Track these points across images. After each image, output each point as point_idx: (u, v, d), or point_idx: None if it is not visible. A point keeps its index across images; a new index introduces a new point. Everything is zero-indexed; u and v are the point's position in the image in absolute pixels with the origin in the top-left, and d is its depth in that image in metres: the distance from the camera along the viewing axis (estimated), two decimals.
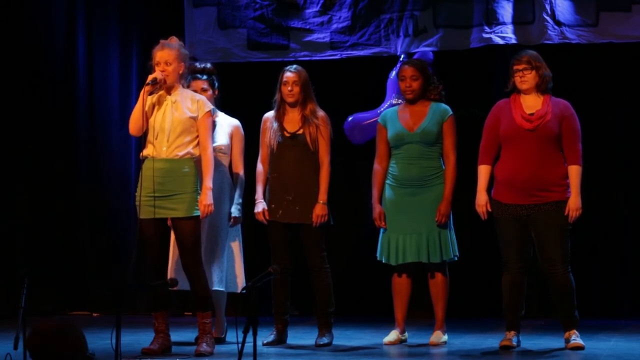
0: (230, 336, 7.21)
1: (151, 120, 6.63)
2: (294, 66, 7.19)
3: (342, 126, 8.13)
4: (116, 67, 9.41)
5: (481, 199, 6.86)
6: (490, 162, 6.90)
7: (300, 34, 8.83)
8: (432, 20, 8.54)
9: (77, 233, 9.39)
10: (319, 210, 6.98)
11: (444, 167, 7.07)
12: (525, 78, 6.80)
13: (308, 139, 7.02)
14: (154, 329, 6.74)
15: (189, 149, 6.58)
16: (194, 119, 6.60)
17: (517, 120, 6.77)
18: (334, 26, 8.77)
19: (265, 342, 6.99)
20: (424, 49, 8.44)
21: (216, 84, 7.31)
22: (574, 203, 6.68)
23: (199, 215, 6.56)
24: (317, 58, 8.75)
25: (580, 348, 6.68)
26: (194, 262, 6.59)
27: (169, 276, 6.91)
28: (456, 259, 7.12)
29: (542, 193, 6.71)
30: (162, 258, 6.76)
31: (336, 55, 8.77)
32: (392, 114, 7.16)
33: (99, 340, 7.20)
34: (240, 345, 4.71)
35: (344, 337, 7.36)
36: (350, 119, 8.06)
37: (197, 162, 6.62)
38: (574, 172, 6.72)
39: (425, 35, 8.54)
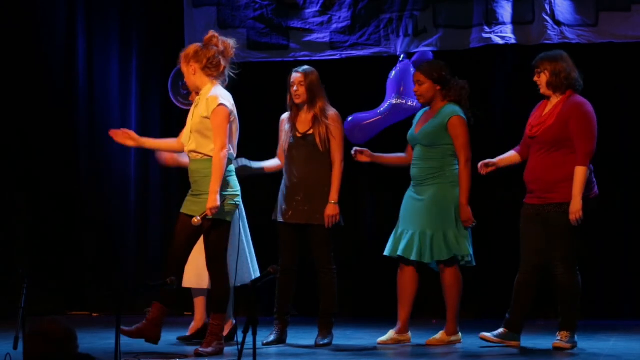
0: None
1: None
2: (303, 67, 7.17)
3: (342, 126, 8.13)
4: (116, 68, 9.41)
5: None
6: (518, 150, 6.97)
7: (300, 34, 8.84)
8: (432, 20, 8.55)
9: (77, 233, 9.38)
10: (329, 211, 6.96)
11: (445, 168, 7.07)
12: (539, 84, 6.84)
13: (317, 139, 7.01)
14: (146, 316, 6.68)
15: (207, 150, 6.49)
16: (207, 118, 6.49)
17: (527, 127, 6.87)
18: (334, 26, 8.78)
19: (265, 341, 6.99)
20: (424, 49, 8.44)
21: None
22: (572, 205, 6.67)
23: (228, 220, 6.52)
24: (317, 58, 8.74)
25: (561, 349, 6.66)
26: (210, 262, 6.56)
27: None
28: (452, 258, 7.05)
29: (546, 194, 6.74)
30: (181, 254, 6.65)
31: (336, 55, 8.78)
32: (419, 115, 7.29)
33: (99, 340, 7.21)
34: (240, 345, 4.71)
35: (344, 337, 7.36)
36: (350, 119, 8.05)
37: None
38: (576, 174, 6.69)
39: (425, 35, 8.54)
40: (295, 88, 7.05)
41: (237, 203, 6.62)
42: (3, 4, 9.23)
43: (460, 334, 7.14)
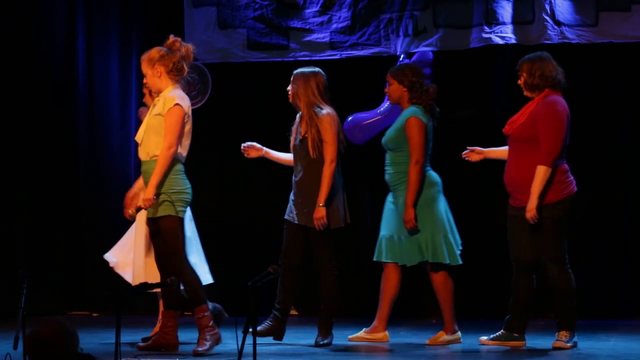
0: (230, 336, 7.20)
1: None
2: (301, 68, 7.15)
3: (342, 126, 8.13)
4: (116, 68, 9.41)
5: None
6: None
7: (300, 34, 8.83)
8: (432, 20, 8.55)
9: (77, 233, 9.38)
10: (316, 213, 6.95)
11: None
12: (521, 86, 6.86)
13: (310, 144, 6.99)
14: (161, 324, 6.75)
15: (159, 149, 6.53)
16: (161, 115, 6.54)
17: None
18: (334, 26, 8.78)
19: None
20: (424, 49, 8.45)
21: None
22: (528, 203, 6.66)
23: (173, 215, 6.53)
24: (317, 58, 8.75)
25: (561, 349, 6.67)
26: (169, 259, 6.59)
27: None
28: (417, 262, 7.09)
29: (521, 196, 6.72)
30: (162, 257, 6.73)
31: (336, 55, 8.78)
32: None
33: (99, 340, 7.21)
34: (240, 345, 4.71)
35: (344, 337, 7.35)
36: (350, 119, 8.06)
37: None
38: (536, 172, 6.66)
39: (425, 35, 8.54)
40: (288, 87, 7.09)
41: (187, 200, 6.61)
42: (3, 4, 9.23)
43: (459, 332, 7.15)
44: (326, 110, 7.00)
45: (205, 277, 7.02)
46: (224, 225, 9.16)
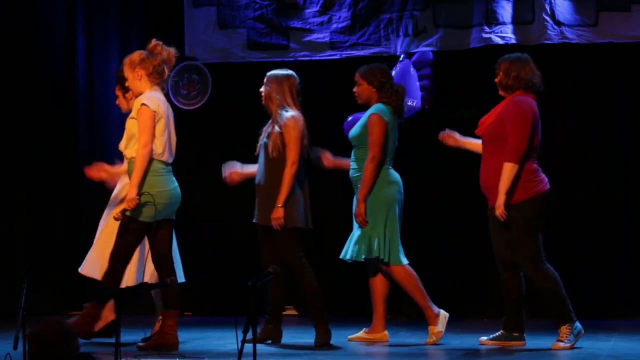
0: (230, 336, 7.20)
1: None
2: (276, 70, 7.16)
3: (342, 126, 8.14)
4: (116, 68, 9.40)
5: None
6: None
7: (300, 34, 8.84)
8: (432, 20, 8.56)
9: (77, 233, 9.38)
10: (274, 214, 6.90)
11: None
12: (497, 85, 6.89)
13: (271, 145, 6.97)
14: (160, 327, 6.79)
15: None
16: (134, 119, 6.63)
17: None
18: (334, 26, 8.78)
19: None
20: (424, 49, 8.46)
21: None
22: (497, 200, 6.65)
23: (134, 218, 6.57)
24: (317, 58, 8.76)
25: (561, 349, 6.67)
26: (110, 256, 6.70)
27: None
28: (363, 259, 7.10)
29: (494, 196, 6.70)
30: (155, 255, 6.77)
31: (336, 55, 8.78)
32: None
33: (99, 340, 7.21)
34: (240, 345, 4.72)
35: (343, 337, 7.36)
36: (350, 118, 8.06)
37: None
38: (503, 169, 6.65)
39: (425, 35, 8.55)
40: (261, 88, 7.11)
41: (165, 202, 6.61)
42: (3, 4, 9.23)
43: (440, 311, 7.11)
44: (291, 112, 6.98)
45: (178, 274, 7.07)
46: (224, 225, 9.16)
